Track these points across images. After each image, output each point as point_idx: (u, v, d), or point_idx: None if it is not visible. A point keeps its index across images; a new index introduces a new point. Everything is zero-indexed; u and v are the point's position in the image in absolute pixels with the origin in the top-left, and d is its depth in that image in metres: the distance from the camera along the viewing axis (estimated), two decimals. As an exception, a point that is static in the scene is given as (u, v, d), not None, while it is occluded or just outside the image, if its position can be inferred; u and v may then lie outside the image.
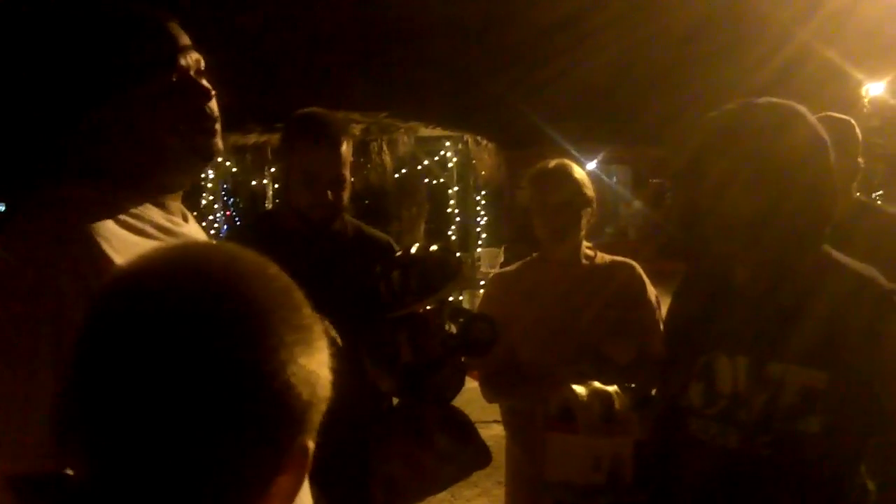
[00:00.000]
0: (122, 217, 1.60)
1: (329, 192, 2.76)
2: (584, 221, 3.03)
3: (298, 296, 0.92)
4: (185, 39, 1.69)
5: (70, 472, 0.85)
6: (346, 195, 2.84)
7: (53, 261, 1.44)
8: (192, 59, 1.68)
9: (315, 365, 0.88)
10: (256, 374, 0.81)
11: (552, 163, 3.07)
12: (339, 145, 2.77)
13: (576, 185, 3.01)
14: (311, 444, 0.89)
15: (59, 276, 1.43)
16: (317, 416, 0.89)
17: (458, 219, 13.82)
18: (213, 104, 1.72)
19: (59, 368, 0.98)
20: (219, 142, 1.74)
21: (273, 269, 0.92)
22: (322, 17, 18.32)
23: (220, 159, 12.12)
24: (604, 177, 22.04)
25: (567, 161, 3.09)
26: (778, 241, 1.96)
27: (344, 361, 2.15)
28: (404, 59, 18.72)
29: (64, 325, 1.36)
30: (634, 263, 3.16)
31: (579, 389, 2.27)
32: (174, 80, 1.63)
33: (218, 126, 1.73)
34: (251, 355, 0.82)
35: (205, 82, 1.71)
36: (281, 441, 0.85)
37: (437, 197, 14.28)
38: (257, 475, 0.84)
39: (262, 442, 0.83)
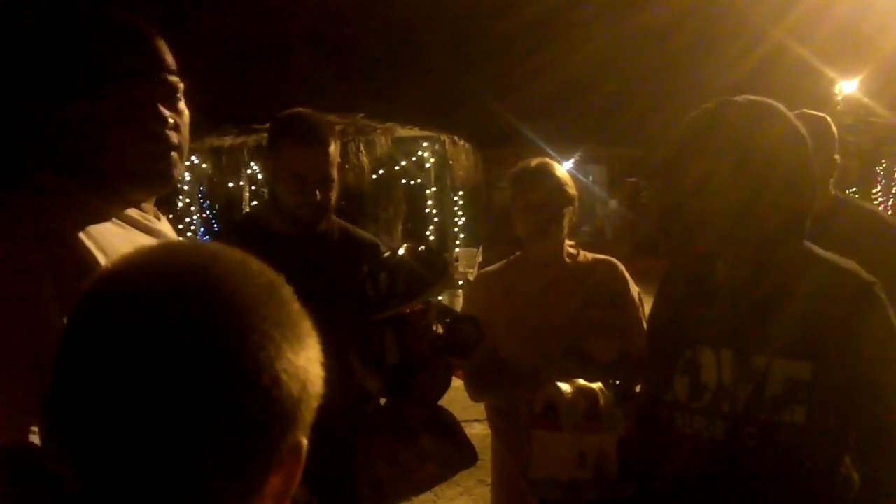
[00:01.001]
0: (100, 214, 1.61)
1: (317, 192, 2.76)
2: (566, 220, 3.04)
3: (285, 291, 0.91)
4: (168, 60, 1.70)
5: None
6: (333, 195, 2.83)
7: (33, 262, 1.44)
8: (164, 83, 1.69)
9: (304, 361, 0.87)
10: (242, 371, 0.81)
11: (534, 162, 3.08)
12: (327, 145, 2.77)
13: (557, 183, 3.02)
14: (304, 442, 0.88)
15: (40, 279, 1.42)
16: (308, 414, 0.88)
17: (435, 219, 13.81)
18: (172, 133, 1.71)
19: (40, 372, 0.99)
20: (172, 170, 1.73)
21: (256, 265, 0.91)
22: (297, 17, 18.26)
23: (195, 161, 12.09)
24: (580, 176, 22.07)
25: (548, 160, 3.11)
26: (757, 236, 1.99)
27: (331, 362, 2.16)
28: (380, 60, 18.69)
29: (45, 322, 1.36)
30: (617, 262, 3.18)
31: (564, 387, 2.28)
32: (134, 100, 1.64)
33: (173, 154, 1.72)
34: (236, 352, 0.81)
35: (175, 107, 1.71)
36: (271, 439, 0.84)
37: (415, 197, 14.27)
38: (249, 473, 0.83)
39: (251, 440, 0.82)
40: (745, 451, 1.98)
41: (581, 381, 2.31)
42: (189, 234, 13.16)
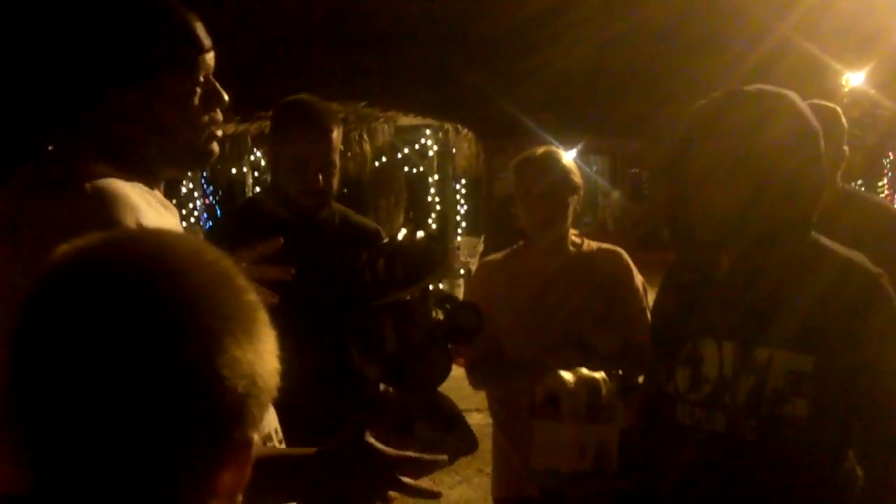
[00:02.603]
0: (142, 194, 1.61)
1: (320, 178, 2.75)
2: (570, 209, 3.02)
3: (238, 282, 0.88)
4: (209, 42, 1.71)
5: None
6: (335, 182, 2.83)
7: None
8: (211, 61, 1.70)
9: (253, 355, 0.84)
10: (178, 368, 0.79)
11: (539, 150, 3.07)
12: (330, 131, 2.77)
13: (562, 171, 3.00)
14: (254, 437, 0.87)
15: None
16: (258, 409, 0.86)
17: (437, 208, 13.80)
18: (219, 112, 1.74)
19: None
20: (216, 147, 1.76)
21: (211, 255, 0.89)
22: (300, 5, 18.23)
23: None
24: (584, 167, 22.06)
25: (554, 149, 3.09)
26: (761, 229, 1.97)
27: (329, 350, 2.14)
28: (383, 49, 18.67)
29: None
30: (621, 251, 3.16)
31: (566, 377, 2.27)
32: (200, 80, 1.66)
33: (220, 132, 1.75)
34: (173, 350, 0.79)
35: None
36: (216, 435, 0.82)
37: (417, 186, 14.25)
38: (195, 470, 0.82)
39: (193, 436, 0.81)
40: (745, 444, 1.97)
41: (584, 371, 2.29)
42: (192, 220, 13.18)
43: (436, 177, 13.98)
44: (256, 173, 13.74)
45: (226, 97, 1.72)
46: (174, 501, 0.82)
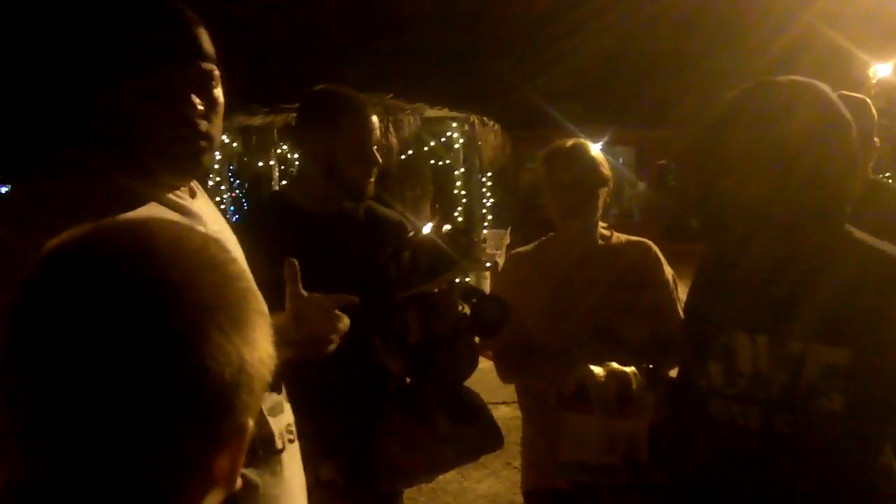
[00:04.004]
0: (136, 197, 1.61)
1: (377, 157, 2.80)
2: (600, 201, 3.00)
3: (228, 269, 0.88)
4: (206, 48, 1.69)
5: None
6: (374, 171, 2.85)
7: None
8: (198, 70, 1.67)
9: (242, 342, 0.84)
10: (161, 355, 0.79)
11: (568, 142, 3.04)
12: (372, 116, 2.82)
13: (591, 162, 2.98)
14: (249, 423, 0.86)
15: None
16: (250, 396, 0.85)
17: (464, 200, 13.78)
18: (202, 122, 1.69)
19: None
20: (204, 159, 1.72)
21: (197, 242, 0.88)
22: (326, -3, 18.28)
23: (226, 140, 12.16)
24: (610, 158, 21.97)
25: (583, 140, 3.07)
26: (788, 218, 1.95)
27: (354, 342, 2.14)
28: (408, 41, 18.67)
29: None
30: (650, 243, 3.13)
31: (596, 370, 2.26)
32: (163, 85, 1.62)
33: (203, 143, 1.70)
34: (157, 339, 0.79)
35: (208, 96, 1.70)
36: (206, 422, 0.82)
37: (443, 178, 14.23)
38: (186, 457, 0.82)
39: (181, 424, 0.80)
40: (780, 439, 1.94)
41: (614, 365, 2.28)
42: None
43: (462, 169, 13.95)
44: (283, 166, 13.75)
45: (195, 105, 1.67)
46: (167, 488, 0.82)
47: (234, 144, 12.56)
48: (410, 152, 13.40)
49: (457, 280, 2.63)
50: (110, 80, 1.61)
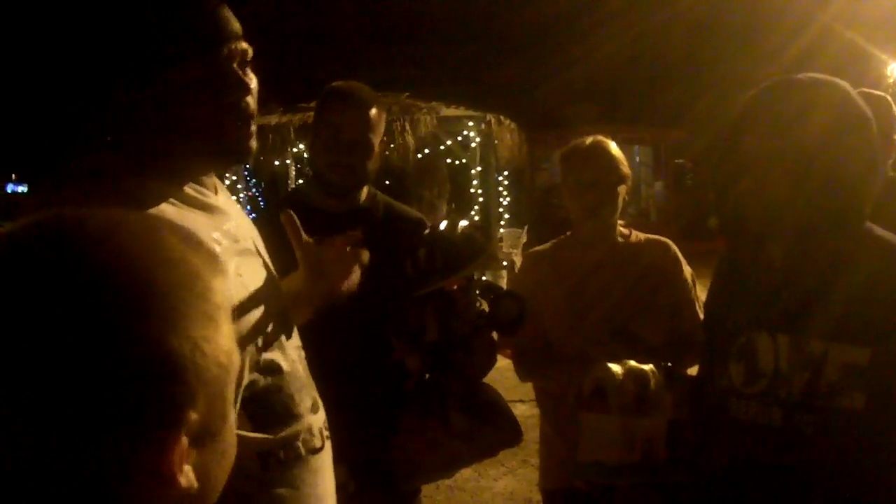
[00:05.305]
0: (155, 196, 1.57)
1: (351, 155, 2.74)
2: (619, 199, 2.98)
3: (191, 261, 0.87)
4: (234, 26, 1.61)
5: None
6: (371, 164, 2.81)
7: None
8: (237, 49, 1.61)
9: (169, 331, 0.82)
10: (106, 350, 0.78)
11: (588, 140, 3.03)
12: (367, 107, 2.76)
13: (609, 160, 2.97)
14: (189, 416, 0.83)
15: None
16: (183, 388, 0.83)
17: (480, 199, 13.79)
18: (251, 100, 1.64)
19: None
20: (252, 143, 1.68)
21: (162, 237, 0.88)
22: (343, -3, 18.33)
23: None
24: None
25: (602, 138, 3.05)
26: (806, 218, 1.94)
27: (372, 340, 2.14)
28: (424, 40, 18.69)
29: None
30: (669, 242, 3.12)
31: (615, 368, 2.24)
32: (211, 70, 1.56)
33: (252, 125, 1.66)
34: (111, 327, 0.78)
35: (247, 75, 1.64)
36: (162, 416, 0.81)
37: (459, 177, 14.24)
38: (139, 452, 0.81)
39: (137, 416, 0.79)
40: (802, 438, 1.93)
41: (632, 363, 2.26)
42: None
43: (478, 168, 13.95)
44: (299, 165, 13.79)
45: (247, 84, 1.61)
46: (104, 481, 0.81)
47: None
48: (427, 151, 13.41)
49: (474, 277, 2.62)
50: (142, 78, 1.54)
